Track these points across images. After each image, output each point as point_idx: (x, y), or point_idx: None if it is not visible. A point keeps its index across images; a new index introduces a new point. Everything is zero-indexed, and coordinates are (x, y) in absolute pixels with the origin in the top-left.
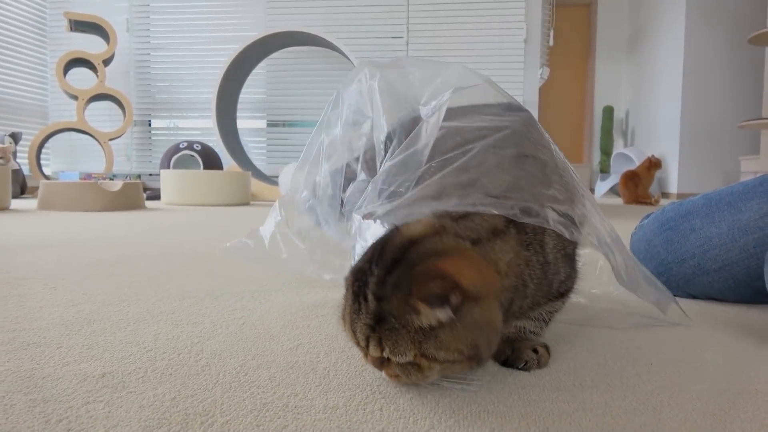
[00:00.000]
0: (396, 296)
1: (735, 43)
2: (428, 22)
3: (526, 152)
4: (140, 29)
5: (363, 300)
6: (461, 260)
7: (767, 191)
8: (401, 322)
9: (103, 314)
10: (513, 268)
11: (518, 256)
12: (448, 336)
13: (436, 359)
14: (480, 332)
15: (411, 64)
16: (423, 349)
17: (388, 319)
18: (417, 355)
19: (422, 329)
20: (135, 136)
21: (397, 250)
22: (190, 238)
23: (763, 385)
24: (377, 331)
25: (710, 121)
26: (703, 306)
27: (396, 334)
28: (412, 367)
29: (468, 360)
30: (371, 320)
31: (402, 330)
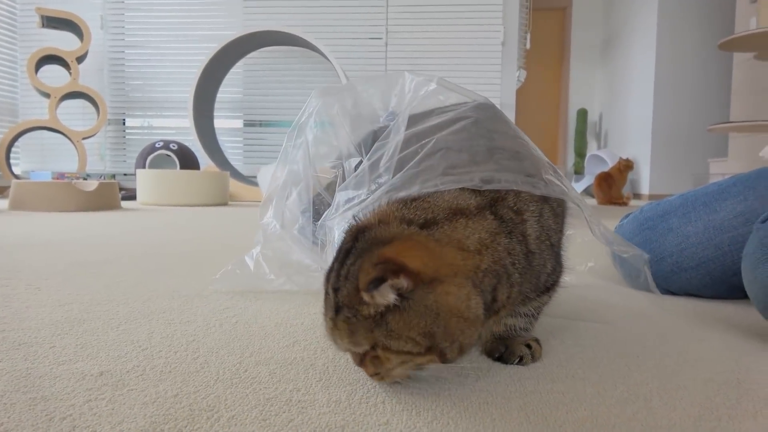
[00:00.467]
0: (346, 286)
1: (705, 49)
2: (407, 24)
3: (485, 134)
4: (115, 26)
5: (326, 294)
6: (405, 243)
7: (740, 192)
8: (353, 312)
9: (93, 314)
10: (488, 249)
11: (494, 240)
12: (398, 324)
13: (390, 349)
14: (436, 319)
15: (362, 84)
16: (376, 338)
17: (342, 309)
18: (376, 347)
19: (372, 318)
20: (109, 135)
21: (349, 242)
22: (172, 239)
23: (744, 374)
24: (336, 321)
25: (680, 124)
26: (681, 301)
27: (351, 324)
28: (375, 359)
29: (427, 351)
30: (333, 313)
31: (354, 320)
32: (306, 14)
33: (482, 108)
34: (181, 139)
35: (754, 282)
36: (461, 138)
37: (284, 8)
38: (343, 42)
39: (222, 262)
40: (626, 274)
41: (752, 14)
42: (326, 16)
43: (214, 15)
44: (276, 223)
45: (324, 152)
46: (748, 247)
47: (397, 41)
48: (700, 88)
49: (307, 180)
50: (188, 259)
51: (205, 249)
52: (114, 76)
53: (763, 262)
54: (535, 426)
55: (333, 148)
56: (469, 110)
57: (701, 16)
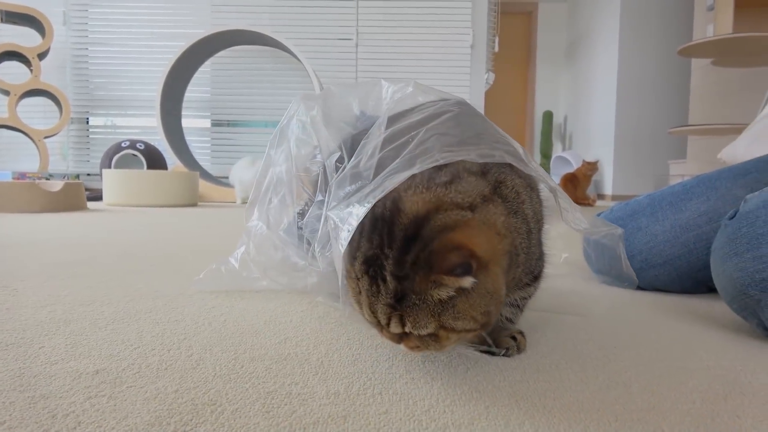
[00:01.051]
0: (418, 274)
1: (665, 54)
2: (378, 26)
3: (469, 123)
4: (78, 23)
5: (382, 282)
6: (471, 230)
7: (703, 192)
8: (421, 298)
9: (78, 315)
10: (510, 231)
11: (510, 222)
12: (464, 305)
13: (454, 329)
14: (491, 299)
15: (340, 90)
16: (442, 320)
17: (409, 296)
18: (437, 327)
19: (441, 302)
20: (72, 134)
21: (409, 230)
22: (145, 240)
23: (712, 362)
24: (399, 309)
25: (642, 127)
26: (651, 296)
27: (417, 309)
28: (431, 338)
29: (481, 327)
30: (392, 299)
31: (422, 305)
32: (275, 14)
33: (461, 104)
34: (148, 138)
35: (722, 275)
36: (449, 126)
37: (253, 7)
38: (314, 42)
39: (199, 263)
40: (597, 269)
41: (709, 22)
42: (296, 16)
43: (181, 13)
44: (262, 225)
45: (305, 153)
46: (716, 243)
47: (368, 43)
48: (661, 91)
49: (290, 181)
50: (165, 261)
51: (180, 250)
52: (77, 74)
53: (731, 256)
54: (525, 412)
55: (314, 148)
56: (449, 105)
57: (661, 22)
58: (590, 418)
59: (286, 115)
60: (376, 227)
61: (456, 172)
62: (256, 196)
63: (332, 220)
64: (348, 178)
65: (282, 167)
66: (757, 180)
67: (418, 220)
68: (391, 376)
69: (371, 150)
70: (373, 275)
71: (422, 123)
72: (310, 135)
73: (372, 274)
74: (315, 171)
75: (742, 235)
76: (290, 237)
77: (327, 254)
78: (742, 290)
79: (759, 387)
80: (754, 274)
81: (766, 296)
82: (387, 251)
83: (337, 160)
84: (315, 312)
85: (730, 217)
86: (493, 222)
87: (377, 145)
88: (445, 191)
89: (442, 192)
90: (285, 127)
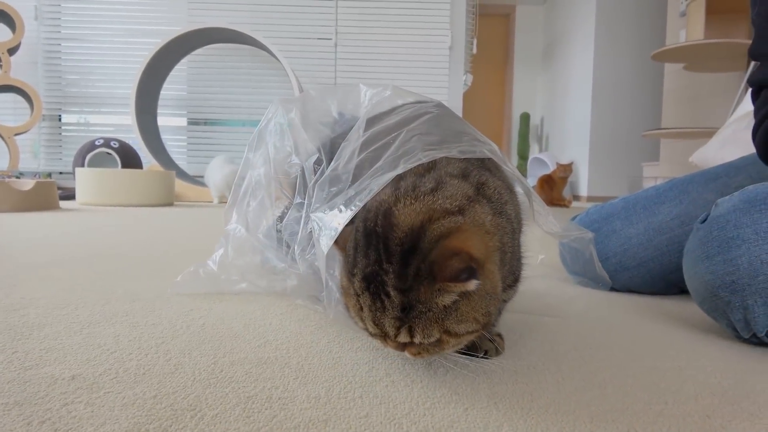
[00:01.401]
0: (422, 284)
1: (639, 59)
2: (357, 26)
3: (449, 123)
4: (50, 17)
5: (385, 297)
6: (464, 233)
7: (676, 196)
8: (427, 306)
9: (52, 318)
10: (497, 229)
11: (494, 220)
12: (467, 308)
13: (458, 333)
14: (490, 298)
15: (319, 94)
16: (446, 326)
17: (416, 307)
18: (442, 333)
19: (446, 308)
20: (43, 131)
21: (406, 244)
22: (121, 240)
23: (684, 362)
24: (406, 320)
25: (617, 129)
26: (624, 297)
27: (424, 318)
28: (435, 343)
29: (483, 327)
30: (399, 312)
31: (429, 314)
32: (253, 12)
33: (440, 106)
34: (122, 136)
35: (694, 277)
36: (429, 126)
37: (231, 5)
38: (293, 42)
39: (177, 265)
40: (572, 271)
41: (681, 27)
42: (275, 14)
43: (157, 9)
44: (241, 228)
45: (283, 156)
46: (688, 246)
47: (347, 43)
48: (635, 94)
49: (269, 184)
50: (141, 262)
51: (156, 251)
52: (49, 70)
53: (703, 259)
54: (503, 413)
55: (290, 151)
56: (428, 107)
57: (635, 27)
58: (566, 420)
59: (265, 118)
60: (370, 243)
61: (439, 178)
62: (235, 199)
63: (315, 222)
64: (328, 180)
65: (260, 170)
66: (727, 184)
67: (413, 232)
68: (371, 379)
69: (349, 153)
70: (374, 291)
71: (402, 124)
72: (287, 137)
73: (373, 291)
74: (294, 173)
75: (713, 239)
76: (269, 240)
77: (307, 257)
78: (712, 292)
79: (728, 387)
80: (724, 276)
81: (735, 298)
82: (386, 266)
83: (315, 162)
84: (294, 315)
85: (701, 220)
86: (482, 222)
87: (356, 148)
88: (433, 199)
89: (431, 200)
90: (263, 129)
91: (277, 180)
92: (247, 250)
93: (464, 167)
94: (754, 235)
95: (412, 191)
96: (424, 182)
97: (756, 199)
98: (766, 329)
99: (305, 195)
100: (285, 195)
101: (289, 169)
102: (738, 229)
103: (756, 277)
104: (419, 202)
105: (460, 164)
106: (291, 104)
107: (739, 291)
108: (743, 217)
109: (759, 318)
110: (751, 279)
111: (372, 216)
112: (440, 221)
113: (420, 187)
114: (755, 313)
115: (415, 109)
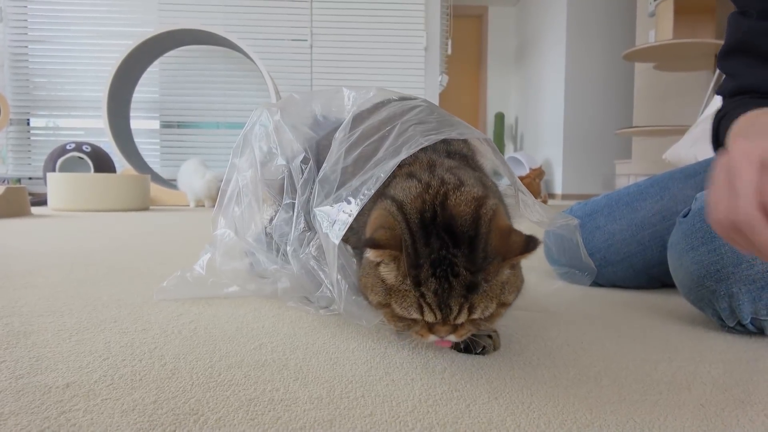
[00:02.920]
0: (492, 264)
1: (610, 58)
2: (332, 27)
3: (441, 113)
4: (16, 19)
5: (453, 278)
6: (500, 212)
7: (657, 193)
8: (490, 283)
9: (38, 326)
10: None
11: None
12: (514, 278)
13: (507, 303)
14: (520, 268)
15: (303, 98)
16: (501, 298)
17: (480, 285)
18: (497, 306)
19: (503, 282)
20: (11, 136)
21: (469, 230)
22: (99, 247)
23: (673, 353)
24: (469, 298)
25: (589, 128)
26: (610, 292)
27: (485, 295)
28: (488, 318)
29: (517, 296)
30: (465, 291)
31: (490, 290)
32: (227, 13)
33: (426, 101)
34: (93, 140)
35: (680, 269)
36: (423, 116)
37: (203, 6)
38: (267, 43)
39: (157, 270)
40: (556, 262)
41: (651, 27)
42: (249, 15)
43: (127, 11)
44: (230, 232)
45: (269, 157)
46: (672, 239)
47: (322, 44)
48: (607, 94)
49: (256, 187)
50: (121, 269)
51: (135, 257)
52: (16, 73)
53: (688, 251)
54: (505, 409)
55: (278, 151)
56: (417, 102)
57: (606, 27)
58: (566, 412)
59: (249, 122)
60: (430, 233)
61: (452, 171)
62: (221, 204)
63: (320, 216)
64: (330, 176)
65: (247, 173)
66: (705, 180)
67: (472, 218)
68: (371, 378)
69: (342, 151)
70: (441, 275)
71: (394, 118)
72: (273, 140)
73: (440, 275)
74: (281, 175)
75: (697, 230)
76: (259, 244)
77: (301, 256)
78: (698, 282)
79: (717, 376)
80: (710, 266)
81: (720, 286)
82: (454, 251)
83: (302, 161)
84: (287, 317)
85: (683, 215)
86: (499, 200)
87: (354, 143)
88: (469, 189)
89: (468, 190)
90: (248, 132)
91: (264, 183)
92: (236, 254)
93: (458, 164)
94: None
95: (445, 185)
96: (448, 177)
97: None
98: (750, 316)
99: (294, 195)
100: (272, 197)
101: (275, 171)
102: None
103: (739, 265)
104: (462, 193)
105: (453, 162)
106: (275, 107)
107: (724, 279)
108: None
109: (743, 305)
110: (735, 267)
111: (429, 210)
112: (486, 206)
113: (448, 182)
114: (740, 300)
115: (403, 104)
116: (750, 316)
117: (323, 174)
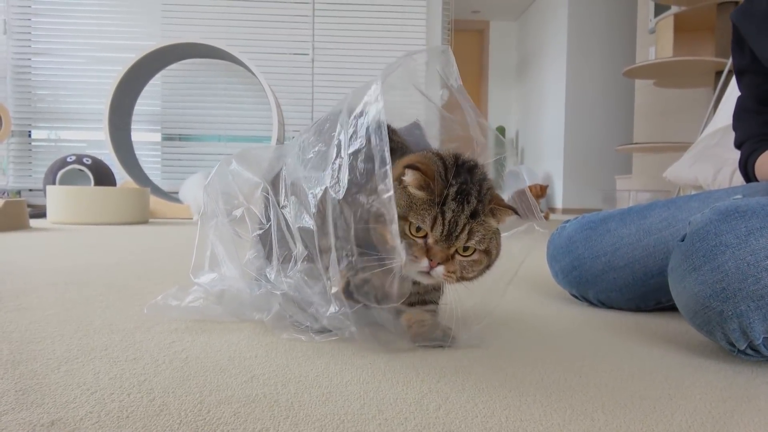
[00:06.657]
0: (482, 202)
1: (610, 74)
2: (334, 41)
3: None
4: (20, 32)
5: (467, 203)
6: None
7: (666, 204)
8: (486, 220)
9: (27, 354)
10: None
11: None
12: (498, 239)
13: (491, 254)
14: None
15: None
16: (490, 245)
17: (479, 215)
18: (486, 248)
19: (494, 231)
20: (12, 147)
21: (481, 176)
22: (95, 263)
23: (673, 390)
24: (471, 223)
25: (590, 143)
26: (607, 315)
27: (482, 227)
28: (473, 263)
29: (496, 258)
30: (470, 214)
31: (485, 225)
32: (229, 27)
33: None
34: (95, 152)
35: (683, 292)
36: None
37: (206, 20)
38: (269, 57)
39: (154, 291)
40: (554, 274)
41: (651, 44)
42: (251, 30)
43: (130, 24)
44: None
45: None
46: (672, 263)
47: (324, 58)
48: (607, 109)
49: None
50: (118, 288)
51: (133, 274)
52: (19, 85)
53: (690, 272)
54: None
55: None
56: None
57: (606, 43)
58: None
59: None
60: (460, 173)
61: (449, 151)
62: (202, 258)
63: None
64: (302, 163)
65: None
66: (709, 195)
67: (483, 171)
68: (363, 417)
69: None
70: (460, 200)
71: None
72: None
73: (459, 200)
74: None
75: (697, 250)
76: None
77: (289, 273)
78: (704, 304)
79: (718, 417)
80: (714, 284)
81: (727, 306)
82: (471, 185)
83: (262, 190)
84: (281, 345)
85: (680, 239)
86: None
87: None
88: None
89: (470, 156)
90: (210, 185)
91: (231, 228)
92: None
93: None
94: (735, 240)
95: (464, 157)
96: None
97: (728, 211)
98: (762, 336)
99: (260, 226)
100: (241, 238)
101: (235, 212)
102: (719, 237)
103: (745, 281)
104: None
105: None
106: (230, 157)
107: (730, 298)
108: (721, 225)
109: (754, 324)
110: (741, 283)
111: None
112: (481, 166)
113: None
114: (750, 318)
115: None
116: (762, 336)
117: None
